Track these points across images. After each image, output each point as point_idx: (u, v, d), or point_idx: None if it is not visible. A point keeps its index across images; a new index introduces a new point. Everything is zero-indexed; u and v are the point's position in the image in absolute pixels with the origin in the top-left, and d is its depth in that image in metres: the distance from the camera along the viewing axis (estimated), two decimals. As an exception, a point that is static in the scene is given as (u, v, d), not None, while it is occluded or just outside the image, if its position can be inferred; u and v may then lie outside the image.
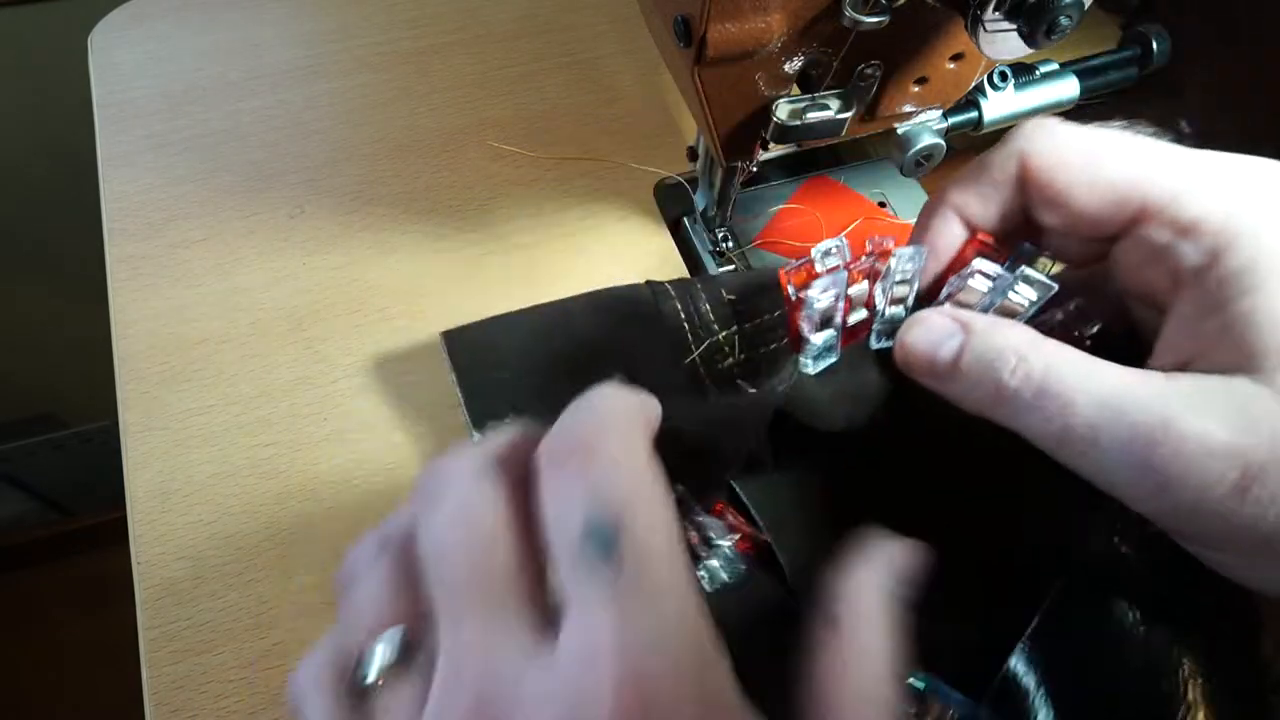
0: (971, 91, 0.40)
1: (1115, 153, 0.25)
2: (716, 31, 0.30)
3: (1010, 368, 0.23)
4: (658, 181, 0.53)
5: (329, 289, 0.48)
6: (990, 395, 0.24)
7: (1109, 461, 0.22)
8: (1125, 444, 0.21)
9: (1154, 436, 0.21)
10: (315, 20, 0.61)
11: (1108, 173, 0.24)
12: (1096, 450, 0.22)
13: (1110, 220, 0.25)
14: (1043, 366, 0.23)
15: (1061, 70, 0.45)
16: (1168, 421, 0.21)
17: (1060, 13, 0.28)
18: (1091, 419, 0.22)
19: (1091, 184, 0.25)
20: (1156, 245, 0.24)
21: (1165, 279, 0.24)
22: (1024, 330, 0.24)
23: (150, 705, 0.36)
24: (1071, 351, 0.23)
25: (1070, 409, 0.22)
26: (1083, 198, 0.25)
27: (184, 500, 0.41)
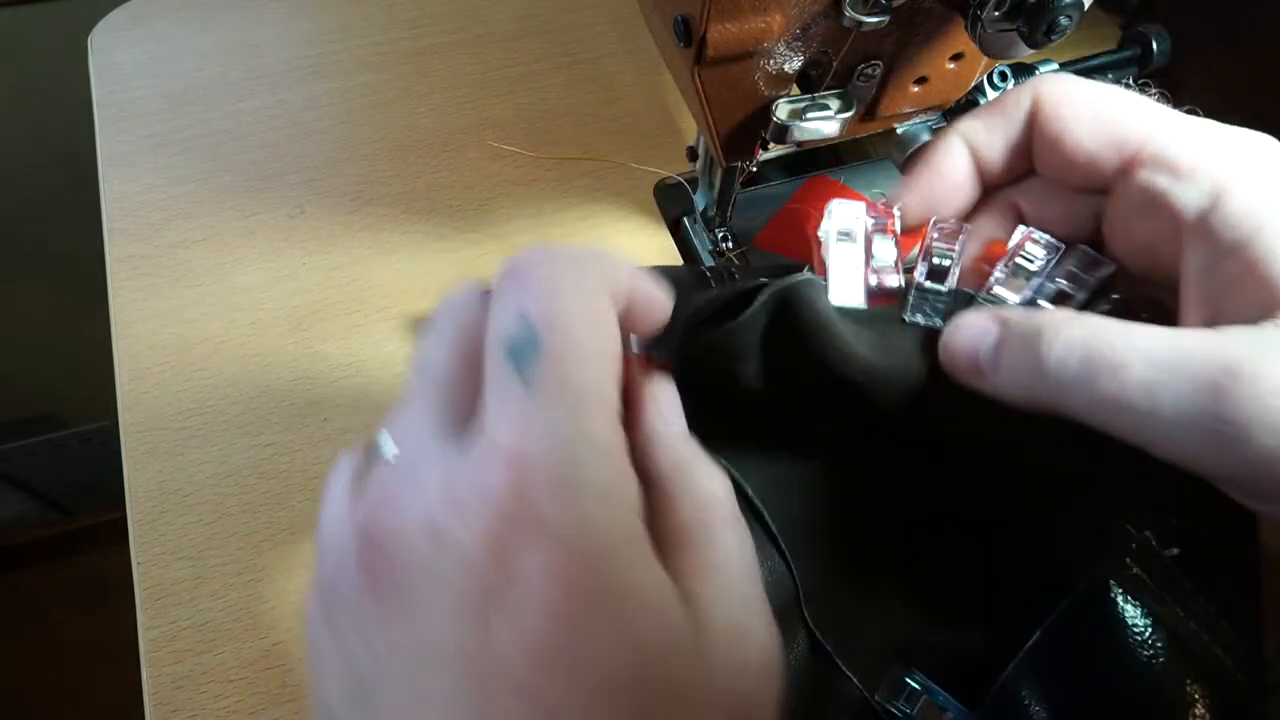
0: (971, 91, 0.40)
1: (1119, 100, 0.26)
2: (716, 31, 0.30)
3: (1051, 339, 0.22)
4: (658, 181, 0.53)
5: (329, 289, 0.48)
6: (1034, 374, 0.23)
7: (1171, 421, 0.20)
8: (1189, 398, 0.20)
9: (1220, 384, 0.19)
10: (315, 20, 0.61)
11: (1109, 113, 0.25)
12: (1156, 411, 0.20)
13: (1107, 161, 0.25)
14: (1085, 334, 0.22)
15: (1061, 70, 0.45)
16: (1232, 367, 0.20)
17: (1060, 13, 0.28)
18: (1147, 378, 0.20)
19: (1094, 121, 0.25)
20: (1154, 190, 0.24)
21: (1166, 227, 0.23)
22: (1061, 310, 0.24)
23: (150, 705, 0.36)
24: (1111, 320, 0.22)
25: (1122, 370, 0.21)
26: (1083, 133, 0.25)
27: (184, 500, 0.41)
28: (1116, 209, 0.26)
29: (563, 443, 0.17)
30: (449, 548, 0.17)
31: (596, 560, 0.17)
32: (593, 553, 0.17)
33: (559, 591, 0.16)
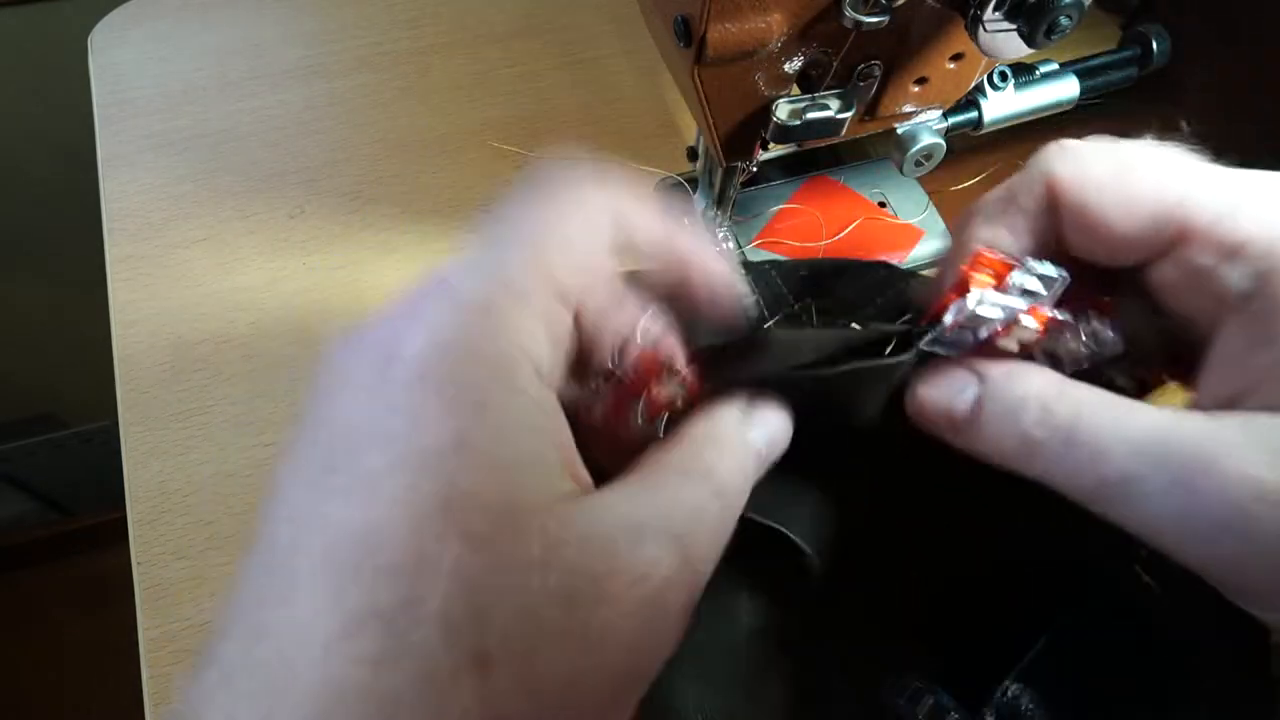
0: (971, 91, 0.40)
1: (1148, 170, 0.22)
2: (716, 31, 0.30)
3: (1035, 418, 0.21)
4: (658, 181, 0.53)
5: (329, 289, 0.48)
6: (1014, 448, 0.22)
7: (1150, 511, 0.20)
8: (1166, 491, 0.19)
9: (1196, 482, 0.19)
10: (315, 20, 0.61)
11: (1142, 192, 0.22)
12: (1135, 500, 0.20)
13: (1148, 243, 0.22)
14: (1071, 414, 0.21)
15: (1061, 70, 0.45)
16: (1212, 463, 0.19)
17: (1060, 13, 0.28)
18: (1127, 468, 0.20)
19: (1126, 205, 0.22)
20: (1198, 268, 0.22)
21: (1209, 303, 0.22)
22: (1047, 374, 0.22)
23: (150, 705, 0.36)
24: (1102, 394, 0.21)
25: (1103, 458, 0.20)
26: (1117, 220, 0.22)
27: (184, 500, 0.41)
28: (1159, 276, 0.23)
29: (479, 265, 0.19)
30: (356, 343, 0.19)
31: (452, 356, 0.18)
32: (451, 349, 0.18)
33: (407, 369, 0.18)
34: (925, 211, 0.51)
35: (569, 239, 0.20)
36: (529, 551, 0.16)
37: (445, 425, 0.17)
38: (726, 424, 0.22)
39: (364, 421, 0.17)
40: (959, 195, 0.52)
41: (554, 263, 0.20)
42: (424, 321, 0.18)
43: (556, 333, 0.20)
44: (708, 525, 0.20)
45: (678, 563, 0.18)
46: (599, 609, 0.17)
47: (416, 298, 0.19)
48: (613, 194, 0.21)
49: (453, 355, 0.18)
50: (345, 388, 0.18)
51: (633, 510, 0.19)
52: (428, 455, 0.17)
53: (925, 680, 0.26)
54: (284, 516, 0.17)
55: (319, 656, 0.15)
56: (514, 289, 0.19)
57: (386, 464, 0.17)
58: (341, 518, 0.16)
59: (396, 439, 0.17)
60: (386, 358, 0.18)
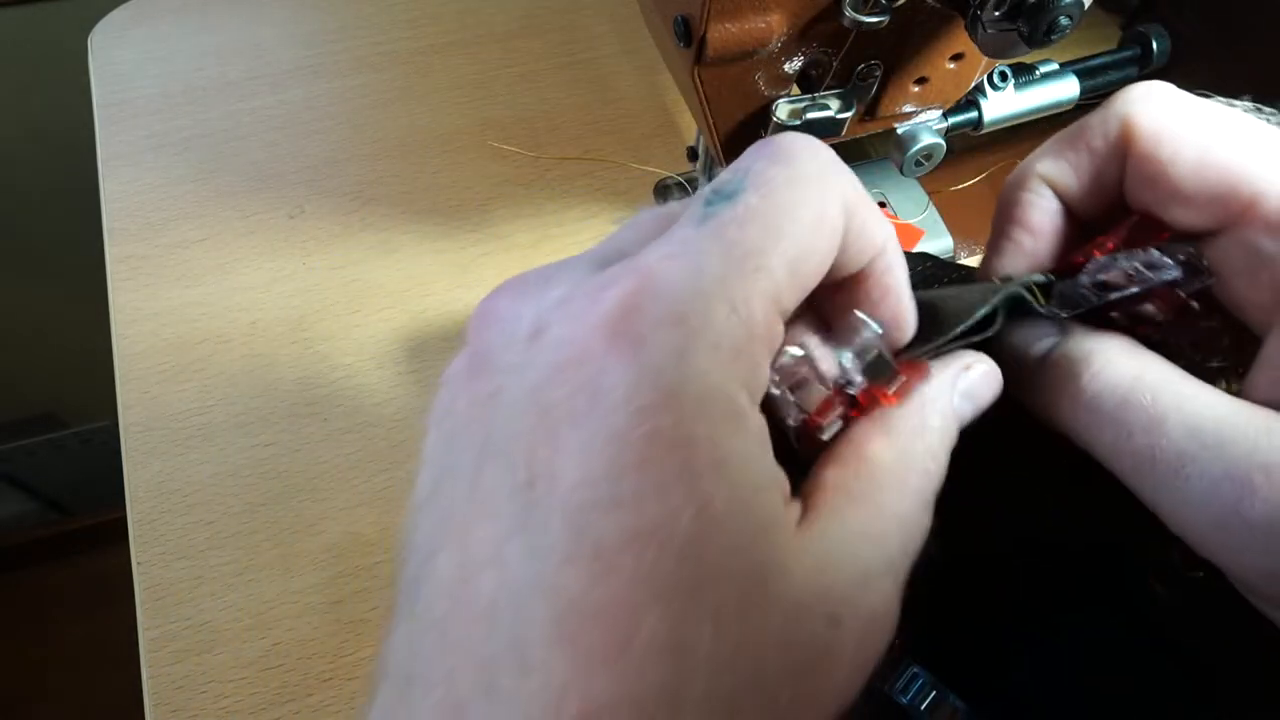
0: (971, 91, 0.40)
1: (1234, 134, 0.21)
2: (716, 31, 0.30)
3: (1094, 369, 0.20)
4: (658, 181, 0.53)
5: (329, 289, 0.48)
6: (1070, 399, 0.21)
7: (1192, 500, 0.19)
8: (1215, 483, 0.18)
9: (1252, 481, 0.18)
10: (315, 20, 0.61)
11: (1220, 154, 0.20)
12: (1180, 484, 0.19)
13: (1212, 210, 0.21)
14: (1132, 375, 0.20)
15: (1061, 70, 0.45)
16: (1272, 466, 0.18)
17: (1060, 13, 0.28)
18: (1182, 446, 0.19)
19: (1200, 162, 0.21)
20: (1261, 252, 0.20)
21: (1267, 293, 0.20)
22: (1124, 338, 0.21)
23: (150, 705, 0.36)
24: (1171, 367, 0.20)
25: (1159, 429, 0.19)
26: (1187, 177, 0.21)
27: (184, 500, 0.41)
28: (1218, 255, 0.22)
29: (700, 278, 0.16)
30: (543, 344, 0.17)
31: (682, 403, 0.15)
32: (679, 394, 0.15)
33: (630, 419, 0.15)
34: (925, 211, 0.51)
35: (806, 249, 0.17)
36: (770, 625, 0.16)
37: (684, 493, 0.15)
38: (940, 397, 0.20)
39: (582, 477, 0.15)
40: (959, 195, 0.52)
41: (782, 278, 0.17)
42: (645, 353, 0.15)
43: (773, 339, 0.17)
44: (915, 541, 0.18)
45: (893, 597, 0.18)
46: (826, 673, 0.16)
47: (627, 303, 0.16)
48: (849, 190, 0.18)
49: (683, 405, 0.15)
50: (543, 415, 0.16)
51: (857, 550, 0.17)
52: (668, 528, 0.15)
53: (929, 676, 0.26)
54: (481, 559, 0.16)
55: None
56: (741, 309, 0.16)
57: (619, 535, 0.15)
58: (572, 589, 0.15)
59: (627, 506, 0.15)
60: (595, 391, 0.16)
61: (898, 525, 0.18)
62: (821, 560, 0.16)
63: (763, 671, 0.15)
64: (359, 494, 0.41)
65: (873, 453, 0.18)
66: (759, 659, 0.15)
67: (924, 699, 0.26)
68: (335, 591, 0.39)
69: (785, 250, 0.17)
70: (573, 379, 0.16)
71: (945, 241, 0.50)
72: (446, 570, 0.17)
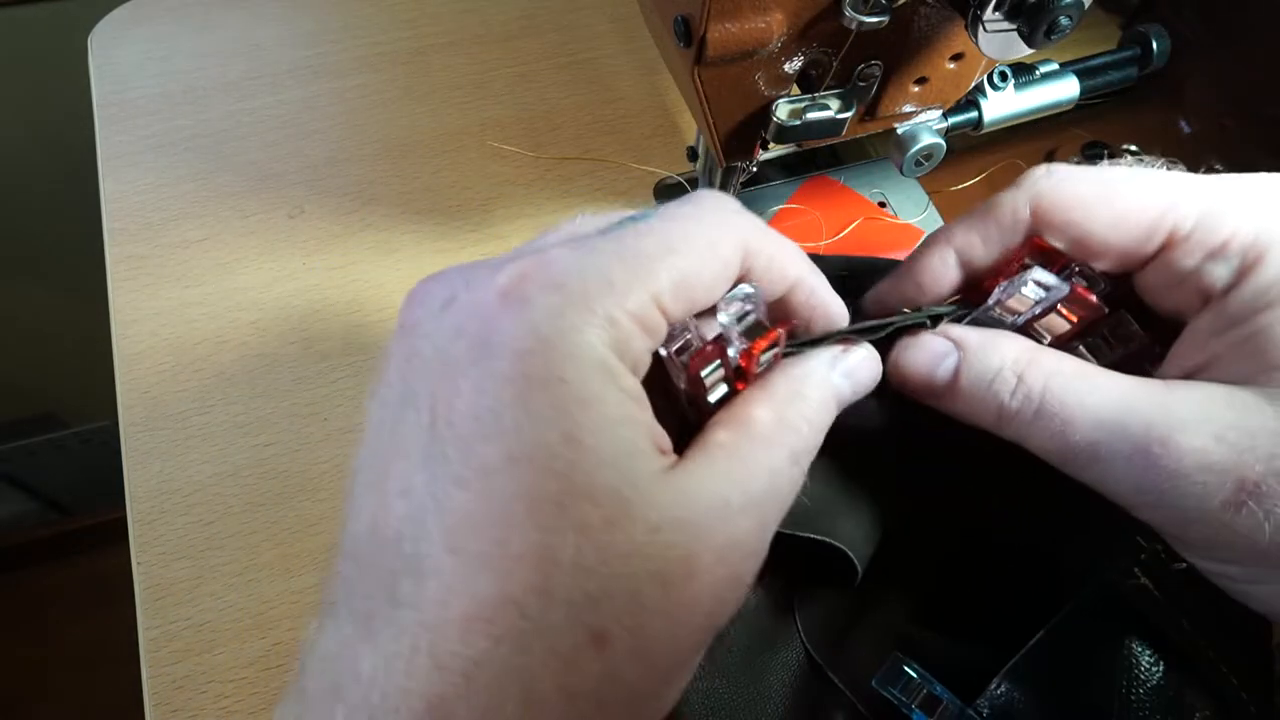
0: (971, 91, 0.40)
1: (1133, 187, 0.24)
2: (716, 31, 0.30)
3: (1010, 389, 0.23)
4: (658, 181, 0.53)
5: (329, 289, 0.48)
6: (993, 416, 0.24)
7: (1111, 475, 0.22)
8: (1125, 459, 0.22)
9: (1151, 451, 0.21)
10: (315, 20, 0.61)
11: (1129, 208, 0.24)
12: (1098, 465, 0.22)
13: (1138, 253, 0.24)
14: (1040, 386, 0.23)
15: (1061, 70, 0.45)
16: (1166, 437, 0.21)
17: (1060, 13, 0.28)
18: (1091, 436, 0.22)
19: (1115, 223, 0.24)
20: (1185, 271, 0.24)
21: (1194, 299, 0.24)
22: (1020, 343, 0.24)
23: (150, 705, 0.36)
24: (1070, 363, 0.23)
25: (1070, 427, 0.22)
26: (1108, 236, 0.24)
27: (184, 500, 0.41)
28: (1146, 279, 0.25)
29: (587, 261, 0.19)
30: (451, 310, 0.19)
31: (555, 350, 0.18)
32: (554, 344, 0.18)
33: (510, 362, 0.18)
34: (925, 211, 0.51)
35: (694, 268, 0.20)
36: (633, 538, 0.18)
37: (554, 423, 0.18)
38: (816, 371, 0.23)
39: (471, 411, 0.18)
40: (959, 195, 0.52)
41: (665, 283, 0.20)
42: (528, 309, 0.18)
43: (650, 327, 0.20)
44: (782, 493, 0.21)
45: (755, 532, 0.20)
46: (690, 584, 0.19)
47: (519, 274, 0.19)
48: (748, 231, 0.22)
49: (557, 352, 0.18)
50: (445, 365, 0.19)
51: (719, 486, 0.20)
52: (540, 452, 0.18)
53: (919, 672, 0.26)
54: (395, 490, 0.19)
55: (458, 633, 0.17)
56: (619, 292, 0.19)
57: (500, 458, 0.18)
58: (462, 506, 0.18)
59: (507, 433, 0.18)
60: (485, 341, 0.19)
61: (764, 472, 0.20)
62: (684, 493, 0.19)
63: (628, 578, 0.18)
64: (359, 494, 0.41)
65: (751, 414, 0.21)
66: (624, 565, 0.18)
67: (913, 693, 0.26)
68: (335, 591, 0.39)
69: (673, 264, 0.20)
70: (469, 333, 0.19)
71: (945, 241, 0.50)
72: (367, 508, 0.20)
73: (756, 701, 0.28)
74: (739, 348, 0.22)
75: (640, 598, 0.18)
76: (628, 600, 0.18)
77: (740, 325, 0.22)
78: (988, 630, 0.28)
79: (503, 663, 0.17)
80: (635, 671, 0.18)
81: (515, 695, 0.17)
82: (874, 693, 0.27)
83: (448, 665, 0.17)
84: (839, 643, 0.29)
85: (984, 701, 0.25)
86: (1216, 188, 0.24)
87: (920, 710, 0.26)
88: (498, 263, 0.20)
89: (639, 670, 0.19)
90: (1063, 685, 0.25)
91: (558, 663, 0.18)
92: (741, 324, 0.22)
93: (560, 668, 0.18)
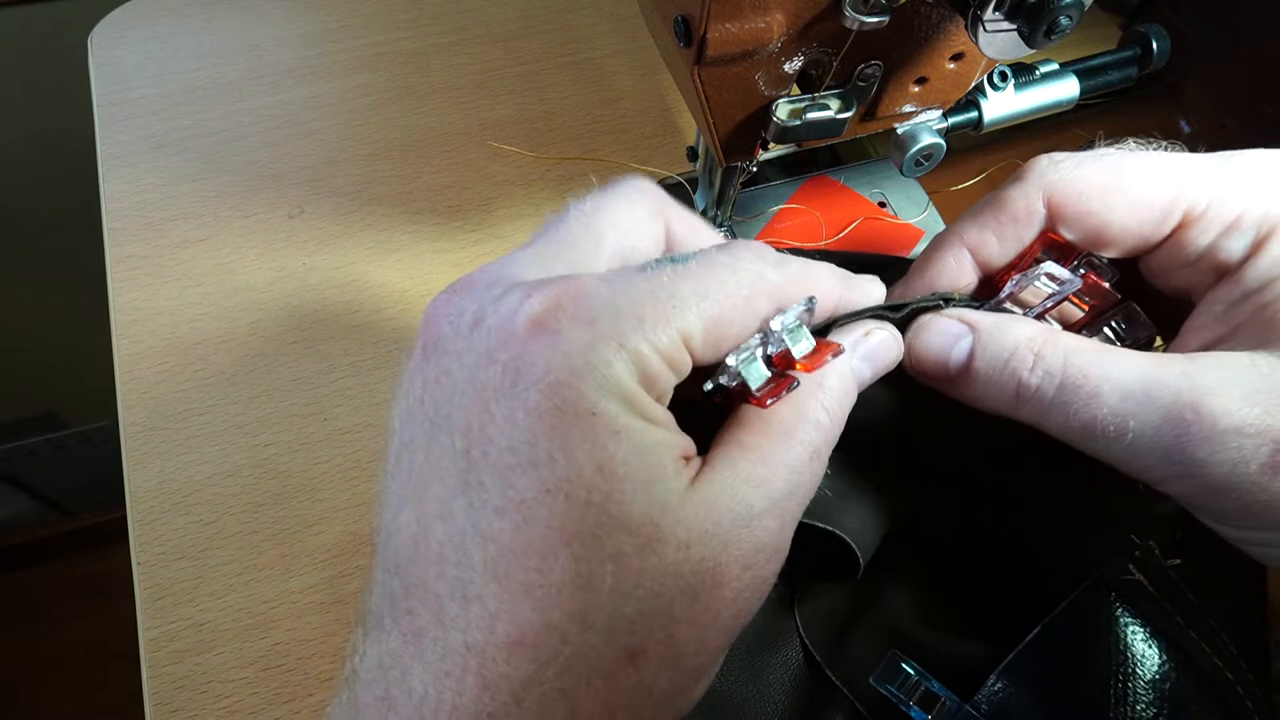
0: (971, 91, 0.40)
1: (1144, 173, 0.24)
2: (716, 31, 0.30)
3: (1028, 365, 0.23)
4: (658, 181, 0.53)
5: (329, 289, 0.48)
6: (1010, 396, 0.23)
7: (1139, 449, 0.22)
8: (1155, 430, 0.21)
9: (1184, 419, 0.21)
10: (315, 20, 0.61)
11: (1143, 194, 0.24)
12: (1126, 439, 0.22)
13: (1152, 237, 0.24)
14: (1061, 361, 0.23)
15: (1061, 70, 0.45)
16: (1197, 403, 0.21)
17: (1060, 13, 0.28)
18: (1118, 408, 0.22)
19: (1131, 210, 0.24)
20: (1201, 248, 0.24)
21: (1206, 276, 0.24)
22: (1034, 324, 0.24)
23: (150, 705, 0.36)
24: (1087, 342, 0.23)
25: (1096, 400, 0.22)
26: (1125, 224, 0.24)
27: (184, 500, 0.41)
28: (1158, 261, 0.25)
29: (620, 297, 0.19)
30: (481, 332, 0.20)
31: (586, 384, 0.18)
32: (585, 377, 0.18)
33: (544, 395, 0.18)
34: (925, 211, 0.51)
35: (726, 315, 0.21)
36: (665, 559, 0.19)
37: (587, 455, 0.18)
38: (837, 362, 0.23)
39: (506, 442, 0.19)
40: (959, 195, 0.52)
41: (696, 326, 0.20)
42: (560, 342, 0.19)
43: (677, 365, 0.20)
44: (802, 491, 0.21)
45: (777, 532, 0.21)
46: (717, 592, 0.19)
47: (554, 304, 0.19)
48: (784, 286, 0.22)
49: (588, 385, 0.19)
50: (477, 391, 0.19)
51: (741, 493, 0.20)
52: (574, 484, 0.18)
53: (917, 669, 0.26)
54: (434, 513, 0.20)
55: (504, 656, 0.18)
56: (648, 328, 0.19)
57: (537, 490, 0.18)
58: (502, 535, 0.19)
59: (541, 465, 0.18)
60: (517, 371, 0.19)
61: (785, 471, 0.21)
62: (710, 504, 0.19)
63: (661, 596, 0.19)
64: (359, 494, 0.41)
65: (769, 410, 0.21)
66: (657, 586, 0.19)
67: (911, 690, 0.26)
68: (335, 591, 0.39)
69: (705, 310, 0.20)
70: (501, 361, 0.19)
71: (945, 241, 0.50)
72: (408, 525, 0.20)
73: (756, 699, 0.28)
74: (780, 351, 0.22)
75: (672, 611, 0.19)
76: (661, 617, 0.19)
77: (791, 336, 0.22)
78: (984, 628, 0.28)
79: (548, 684, 0.18)
80: (667, 679, 0.19)
81: (561, 713, 0.18)
82: (871, 690, 0.27)
83: (496, 686, 0.18)
84: (837, 641, 0.29)
85: (981, 698, 0.25)
86: (1223, 166, 0.24)
87: (918, 707, 0.26)
88: (530, 286, 0.20)
89: (671, 677, 0.19)
90: (1059, 680, 0.25)
91: (599, 681, 0.19)
92: (792, 335, 0.22)
93: (601, 686, 0.19)
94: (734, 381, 0.22)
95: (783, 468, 0.21)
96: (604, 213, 0.23)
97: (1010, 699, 0.25)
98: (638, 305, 0.20)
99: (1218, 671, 0.24)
